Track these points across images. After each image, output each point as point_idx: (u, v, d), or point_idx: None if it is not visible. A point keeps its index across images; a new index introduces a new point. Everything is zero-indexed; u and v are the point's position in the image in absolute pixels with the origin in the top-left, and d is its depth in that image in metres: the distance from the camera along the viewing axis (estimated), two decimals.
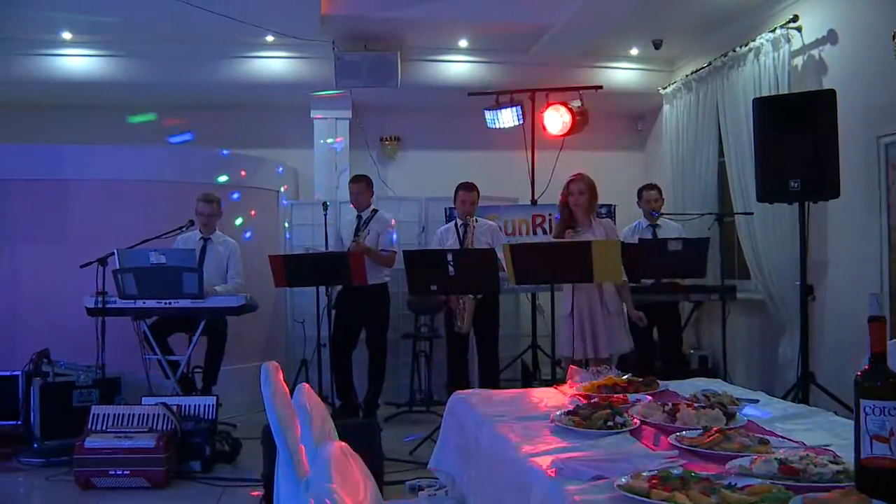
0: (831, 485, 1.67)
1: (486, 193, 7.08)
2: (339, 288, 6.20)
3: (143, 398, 5.21)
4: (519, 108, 7.22)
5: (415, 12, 6.88)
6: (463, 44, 7.71)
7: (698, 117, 7.36)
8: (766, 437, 2.15)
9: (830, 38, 5.71)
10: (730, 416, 2.36)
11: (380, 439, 4.34)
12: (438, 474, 3.08)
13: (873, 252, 5.29)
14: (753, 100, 5.39)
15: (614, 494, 1.70)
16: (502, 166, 8.05)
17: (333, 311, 6.22)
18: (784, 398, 3.87)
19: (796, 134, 4.91)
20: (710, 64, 7.01)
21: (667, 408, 2.46)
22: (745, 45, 6.42)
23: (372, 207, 6.40)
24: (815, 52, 5.87)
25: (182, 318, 5.73)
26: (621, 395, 2.84)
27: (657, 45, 7.52)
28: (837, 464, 1.77)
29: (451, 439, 2.95)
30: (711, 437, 2.09)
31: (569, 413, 2.48)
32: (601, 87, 7.41)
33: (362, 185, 6.35)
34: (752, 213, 6.24)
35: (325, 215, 6.22)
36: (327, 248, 6.32)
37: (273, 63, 7.61)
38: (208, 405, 5.23)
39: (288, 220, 7.76)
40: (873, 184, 5.29)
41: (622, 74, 8.15)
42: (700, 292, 6.42)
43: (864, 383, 1.57)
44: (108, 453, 4.67)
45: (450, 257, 5.18)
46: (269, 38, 7.31)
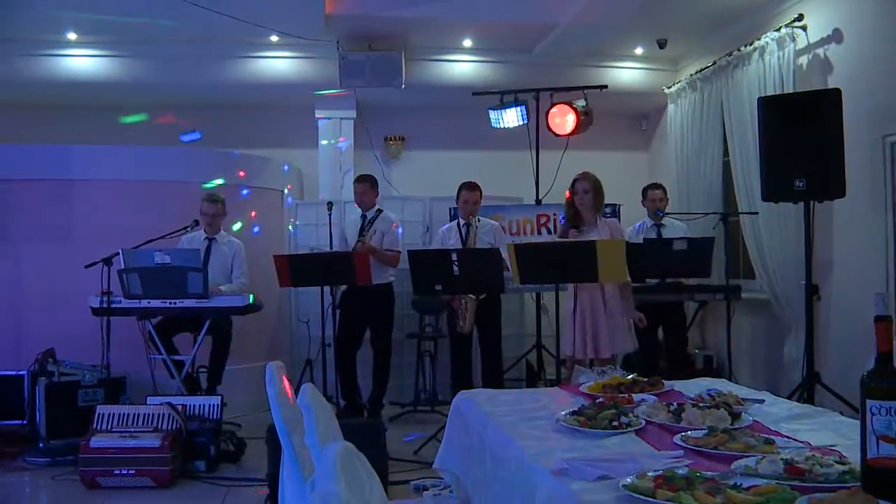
0: (837, 485, 1.67)
1: (491, 193, 7.08)
2: (343, 288, 6.20)
3: (148, 398, 5.21)
4: (523, 107, 7.20)
5: (419, 12, 6.88)
6: (467, 43, 7.71)
7: (703, 117, 7.34)
8: (772, 437, 2.14)
9: (836, 37, 5.70)
10: (735, 416, 2.36)
11: (385, 439, 4.35)
12: (443, 474, 3.08)
13: (879, 251, 5.28)
14: (758, 99, 5.37)
15: (619, 494, 1.70)
16: (507, 166, 8.06)
17: (338, 311, 6.22)
18: (789, 398, 3.87)
19: (801, 133, 4.89)
20: (714, 63, 6.99)
21: (672, 408, 2.46)
22: (750, 45, 6.41)
23: (376, 207, 6.41)
24: (820, 52, 5.85)
25: (187, 318, 5.74)
26: (626, 395, 2.84)
27: (662, 45, 7.51)
28: (843, 464, 1.77)
29: (456, 439, 2.95)
30: (717, 438, 2.09)
31: (574, 413, 2.48)
32: (606, 86, 7.39)
33: (367, 185, 6.35)
34: (757, 213, 6.23)
35: (330, 215, 6.23)
36: (332, 247, 6.33)
37: (277, 63, 7.61)
38: (213, 405, 5.23)
39: (293, 220, 7.76)
40: (879, 183, 5.28)
41: (627, 74, 8.14)
42: (705, 292, 6.40)
43: (870, 383, 1.57)
44: (113, 453, 4.67)
45: (454, 257, 5.18)
46: (274, 38, 7.31)
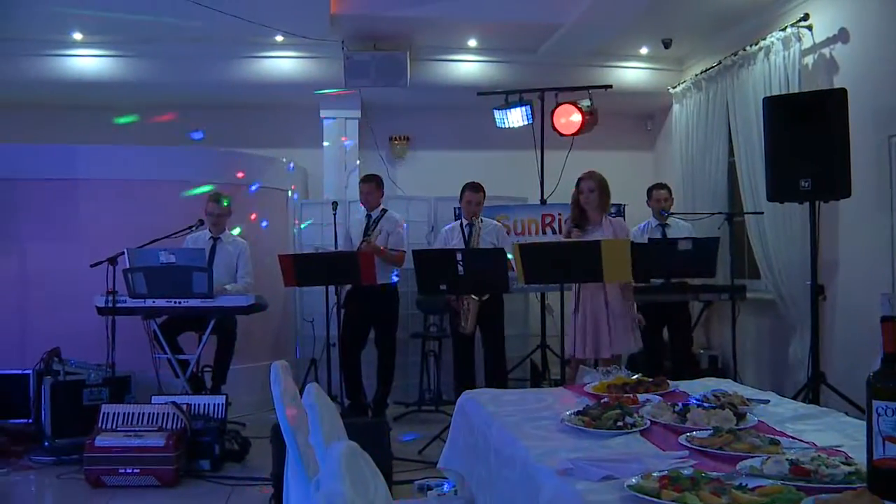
0: (843, 486, 1.66)
1: (496, 193, 7.07)
2: (347, 287, 6.21)
3: (153, 397, 5.23)
4: (528, 107, 7.20)
5: (424, 12, 6.88)
6: (472, 43, 7.70)
7: (708, 116, 7.33)
8: (777, 437, 2.14)
9: (842, 36, 5.68)
10: (740, 417, 2.36)
11: (389, 439, 4.35)
12: (448, 474, 3.08)
13: (884, 251, 5.26)
14: (764, 99, 5.36)
15: (624, 494, 1.70)
16: (512, 166, 8.05)
17: (342, 311, 6.22)
18: (794, 398, 3.86)
19: (807, 133, 4.88)
20: (719, 63, 6.98)
21: (677, 408, 2.45)
22: (756, 44, 6.39)
23: (381, 207, 6.41)
24: (825, 51, 5.84)
25: (192, 318, 5.75)
26: (631, 395, 2.84)
27: (667, 45, 7.50)
28: (849, 465, 1.77)
29: (460, 439, 2.95)
30: (722, 438, 2.08)
31: (579, 413, 2.48)
32: (611, 86, 7.38)
33: (373, 185, 6.36)
34: (762, 213, 6.21)
35: (335, 215, 6.23)
36: (336, 247, 6.34)
37: (282, 63, 7.62)
38: (218, 404, 5.24)
39: (298, 220, 7.77)
40: (884, 183, 5.26)
41: (632, 74, 8.13)
42: (710, 292, 6.39)
43: (876, 384, 1.56)
44: (118, 452, 4.69)
45: (459, 257, 5.17)
46: (279, 38, 7.32)
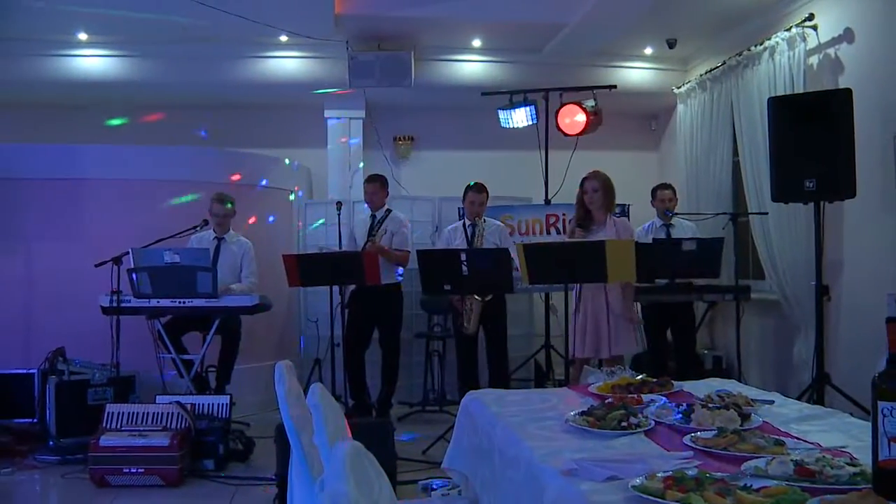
0: (848, 487, 1.66)
1: (500, 193, 7.08)
2: (351, 287, 6.21)
3: (158, 397, 5.23)
4: (533, 107, 7.20)
5: (428, 12, 6.88)
6: (476, 43, 7.70)
7: (713, 117, 7.32)
8: (782, 438, 2.13)
9: (847, 36, 5.67)
10: (745, 417, 2.35)
11: (393, 439, 4.35)
12: (452, 474, 3.08)
13: (889, 251, 5.24)
14: (769, 99, 5.36)
15: (629, 495, 1.69)
16: (516, 166, 8.06)
17: (346, 311, 6.22)
18: (799, 399, 3.85)
19: (812, 133, 4.87)
20: (724, 63, 6.97)
21: (681, 408, 2.45)
22: (760, 44, 6.39)
23: (386, 207, 6.41)
24: (830, 51, 5.82)
25: (196, 318, 5.76)
26: (636, 395, 2.83)
27: (671, 45, 7.49)
28: (854, 466, 1.76)
29: (464, 439, 2.95)
30: (727, 438, 2.08)
31: (583, 413, 2.47)
32: (615, 86, 7.38)
33: (377, 185, 6.36)
34: (766, 213, 6.21)
35: (339, 215, 6.24)
36: (341, 247, 6.34)
37: (287, 63, 7.62)
38: (222, 404, 5.24)
39: (302, 220, 7.77)
40: (889, 183, 5.24)
41: (636, 74, 8.13)
42: (714, 292, 6.37)
43: (881, 385, 1.56)
44: (122, 451, 4.69)
45: (463, 257, 5.17)
46: (283, 38, 7.32)
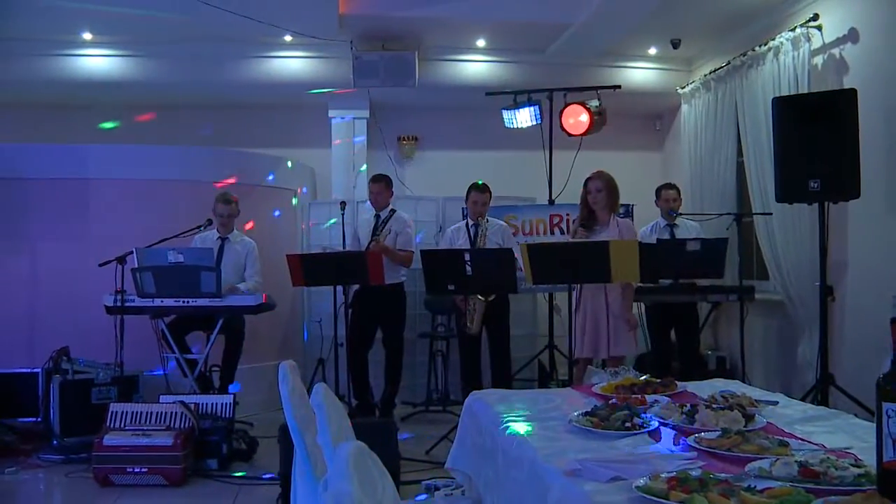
0: (852, 488, 1.66)
1: (504, 193, 7.07)
2: (355, 287, 6.21)
3: (161, 396, 5.24)
4: (537, 107, 7.19)
5: (433, 12, 6.88)
6: (481, 43, 7.70)
7: (717, 117, 7.31)
8: (786, 439, 2.13)
9: (851, 36, 5.66)
10: (749, 418, 2.35)
11: (397, 439, 4.35)
12: (455, 474, 3.08)
13: (894, 252, 5.23)
14: (773, 99, 5.35)
15: (632, 496, 1.69)
16: (520, 166, 8.05)
17: (350, 311, 6.22)
18: (803, 400, 3.84)
19: (816, 134, 4.86)
20: (728, 63, 6.96)
21: (685, 409, 2.45)
22: (765, 45, 6.37)
23: (390, 207, 6.41)
24: (835, 51, 5.81)
25: (200, 317, 5.77)
26: (639, 396, 2.83)
27: (675, 45, 7.48)
28: (859, 467, 1.76)
29: (468, 439, 2.95)
30: (731, 439, 2.08)
31: (587, 414, 2.47)
32: (619, 86, 7.37)
33: (382, 185, 6.36)
34: (770, 214, 6.19)
35: (343, 214, 6.23)
36: (344, 247, 6.34)
37: (291, 63, 7.62)
38: (225, 403, 5.25)
39: (305, 220, 7.78)
40: (894, 184, 5.23)
41: (640, 74, 8.11)
42: (718, 293, 6.36)
43: (886, 386, 1.56)
44: (126, 451, 4.69)
45: (467, 257, 5.17)
46: (288, 38, 7.32)
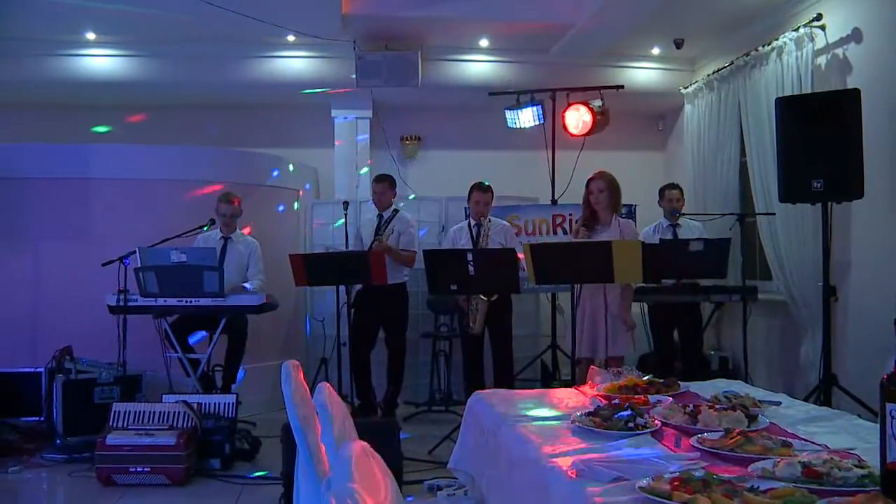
0: (856, 489, 1.65)
1: (507, 193, 7.07)
2: (357, 287, 6.21)
3: (164, 396, 5.24)
4: (540, 107, 7.20)
5: (436, 12, 6.88)
6: (484, 43, 7.70)
7: (720, 117, 7.30)
8: (789, 439, 2.13)
9: (855, 36, 5.65)
10: (752, 419, 2.35)
11: (399, 439, 4.35)
12: (458, 474, 3.08)
13: None
14: (776, 99, 5.35)
15: (635, 496, 1.69)
16: (523, 166, 8.05)
17: (352, 311, 6.21)
18: (805, 400, 3.84)
19: (820, 134, 4.86)
20: (732, 63, 6.95)
21: (688, 409, 2.44)
22: (768, 45, 6.36)
23: (393, 207, 6.41)
24: (839, 51, 5.80)
25: (202, 317, 5.77)
26: (642, 396, 2.83)
27: (679, 45, 7.47)
28: (862, 468, 1.75)
29: (470, 439, 2.95)
30: (734, 440, 2.07)
31: (589, 414, 2.47)
32: (622, 86, 7.37)
33: (386, 185, 6.36)
34: (774, 214, 6.19)
35: (346, 214, 6.24)
36: (347, 247, 6.34)
37: (294, 63, 7.63)
38: (228, 403, 5.26)
39: (307, 220, 7.78)
40: None
41: (643, 74, 8.11)
42: (721, 293, 6.36)
43: (890, 386, 1.55)
44: (129, 450, 4.70)
45: (470, 257, 5.17)
46: (291, 38, 7.33)
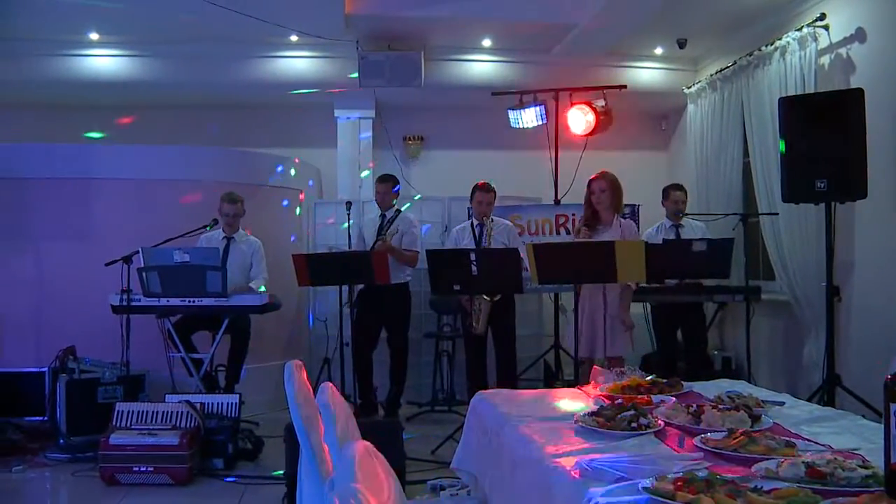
0: (860, 489, 1.65)
1: (510, 193, 7.06)
2: (359, 287, 6.21)
3: (167, 395, 5.25)
4: (542, 107, 7.20)
5: (438, 12, 6.88)
6: (486, 43, 7.70)
7: (723, 117, 7.29)
8: (793, 439, 2.13)
9: (858, 36, 5.64)
10: (755, 419, 2.34)
11: (402, 439, 4.34)
12: (461, 474, 3.08)
13: None
14: (779, 99, 5.33)
15: (639, 496, 1.69)
16: (526, 166, 8.05)
17: (354, 311, 6.21)
18: (809, 401, 3.84)
19: (823, 134, 4.85)
20: (735, 63, 6.95)
21: (691, 409, 2.44)
22: (771, 44, 6.36)
23: (395, 207, 6.41)
24: (842, 51, 5.79)
25: (206, 317, 5.77)
26: (645, 396, 2.83)
27: (682, 45, 7.47)
28: (866, 468, 1.75)
29: (473, 439, 2.95)
30: (737, 440, 2.07)
31: (593, 414, 2.47)
32: (625, 86, 7.37)
33: (389, 185, 6.37)
34: (777, 214, 6.18)
35: (349, 214, 6.24)
36: (350, 247, 6.34)
37: (297, 63, 7.64)
38: (231, 403, 5.26)
39: (310, 220, 7.78)
40: None
41: (646, 74, 8.10)
42: (724, 293, 6.35)
43: (894, 387, 1.55)
44: (132, 450, 4.70)
45: (473, 257, 5.17)
46: (294, 38, 7.33)
